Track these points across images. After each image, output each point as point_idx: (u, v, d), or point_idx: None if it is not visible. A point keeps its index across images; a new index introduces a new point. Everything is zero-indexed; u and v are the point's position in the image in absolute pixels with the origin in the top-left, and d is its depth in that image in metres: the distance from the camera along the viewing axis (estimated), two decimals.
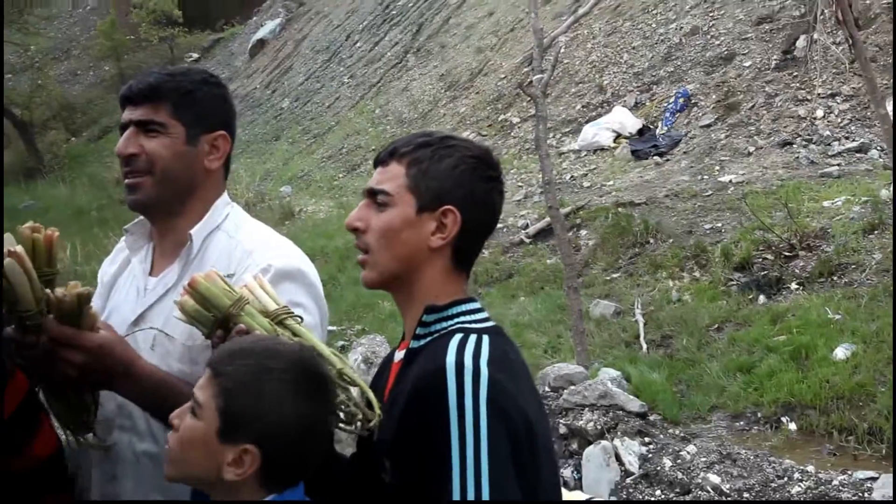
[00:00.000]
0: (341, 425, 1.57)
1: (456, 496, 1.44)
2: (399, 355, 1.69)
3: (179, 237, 2.04)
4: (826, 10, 10.57)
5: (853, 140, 9.56)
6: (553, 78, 12.37)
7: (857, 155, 9.32)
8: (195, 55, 24.86)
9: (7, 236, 1.79)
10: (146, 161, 1.99)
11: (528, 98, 11.98)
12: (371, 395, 1.59)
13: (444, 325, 1.62)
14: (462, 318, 1.63)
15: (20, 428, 1.98)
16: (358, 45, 19.67)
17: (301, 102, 19.14)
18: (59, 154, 22.39)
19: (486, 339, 1.57)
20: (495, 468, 1.44)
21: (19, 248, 1.77)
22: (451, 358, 1.51)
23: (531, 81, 10.56)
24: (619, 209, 9.19)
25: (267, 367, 1.52)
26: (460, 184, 1.66)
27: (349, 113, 17.23)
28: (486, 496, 1.43)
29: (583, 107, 12.61)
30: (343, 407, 1.55)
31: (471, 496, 1.43)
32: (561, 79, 13.18)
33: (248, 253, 1.98)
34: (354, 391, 1.59)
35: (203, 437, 1.54)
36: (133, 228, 2.14)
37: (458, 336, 1.57)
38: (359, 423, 1.57)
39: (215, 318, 1.64)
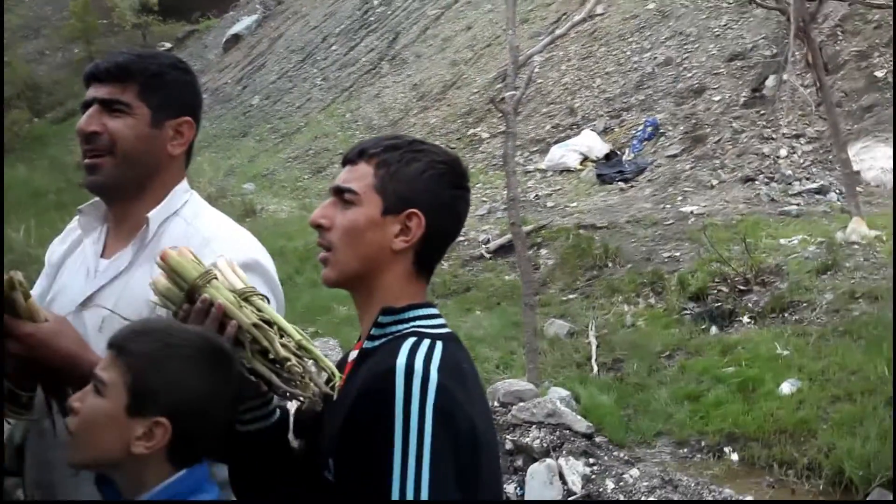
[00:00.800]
0: (293, 392, 1.56)
1: (395, 496, 1.43)
2: (353, 355, 1.68)
3: (135, 221, 2.00)
4: (797, 53, 10.77)
5: (813, 181, 9.73)
6: (525, 96, 12.44)
7: (817, 196, 9.48)
8: (168, 45, 24.63)
9: None
10: (108, 141, 1.95)
11: (499, 114, 12.04)
12: (330, 364, 1.58)
13: (400, 327, 1.61)
14: (418, 322, 1.62)
15: None
16: (333, 48, 19.64)
17: (271, 101, 19.05)
18: (21, 134, 22.02)
19: (439, 344, 1.56)
20: (436, 473, 1.44)
21: None
22: (401, 360, 1.50)
23: (503, 98, 10.60)
24: (581, 231, 9.26)
25: (172, 343, 1.57)
26: (427, 189, 1.66)
27: (319, 115, 17.18)
28: (424, 498, 1.43)
29: (552, 127, 12.70)
30: (299, 379, 1.55)
31: (410, 497, 1.43)
32: (533, 98, 13.26)
33: (207, 241, 1.94)
34: (310, 364, 1.59)
35: (110, 414, 1.57)
36: (87, 209, 2.10)
37: (412, 339, 1.56)
38: (313, 394, 1.55)
39: (182, 291, 1.63)
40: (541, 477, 5.20)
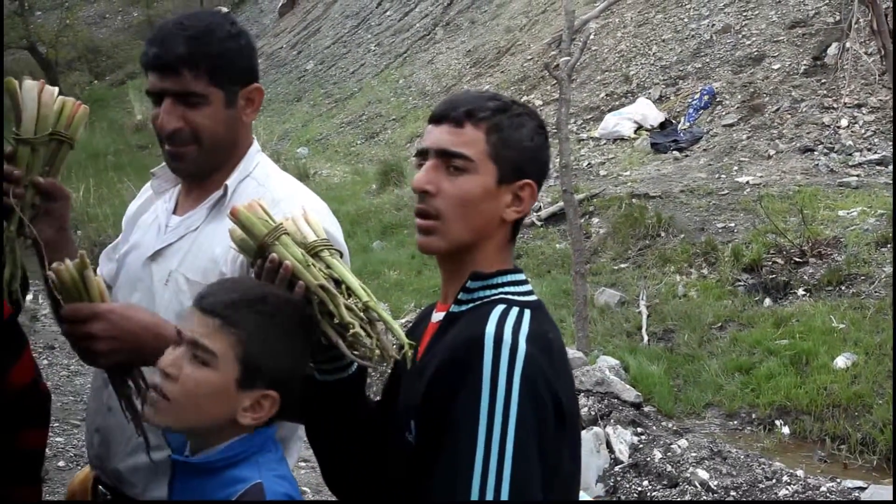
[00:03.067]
0: (355, 358, 1.56)
1: (478, 467, 1.42)
2: (437, 317, 1.67)
3: (209, 182, 2.05)
4: (861, 19, 10.48)
5: (875, 152, 9.49)
6: (580, 63, 12.30)
7: (878, 167, 9.25)
8: (224, 9, 24.76)
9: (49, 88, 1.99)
10: (191, 133, 1.97)
11: (553, 81, 11.92)
12: (397, 329, 1.55)
13: (488, 293, 1.60)
14: (506, 289, 1.61)
15: (1, 352, 2.00)
16: (388, 13, 19.59)
17: (326, 66, 19.09)
18: (81, 96, 22.40)
19: (527, 313, 1.55)
20: (520, 443, 1.43)
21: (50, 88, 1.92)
22: (490, 328, 1.49)
23: (558, 64, 10.50)
24: (634, 200, 9.17)
25: (274, 314, 1.57)
26: (535, 157, 1.64)
27: (372, 81, 17.19)
28: (507, 471, 1.42)
29: (607, 95, 12.55)
30: (362, 345, 1.54)
31: (493, 469, 1.42)
32: (587, 65, 13.10)
33: (276, 202, 1.95)
34: (379, 329, 1.58)
35: (220, 386, 1.56)
36: (159, 172, 2.15)
37: (501, 307, 1.55)
38: (377, 357, 1.55)
39: (253, 247, 1.63)
40: (588, 445, 5.21)
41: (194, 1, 24.35)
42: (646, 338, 7.10)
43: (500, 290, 1.60)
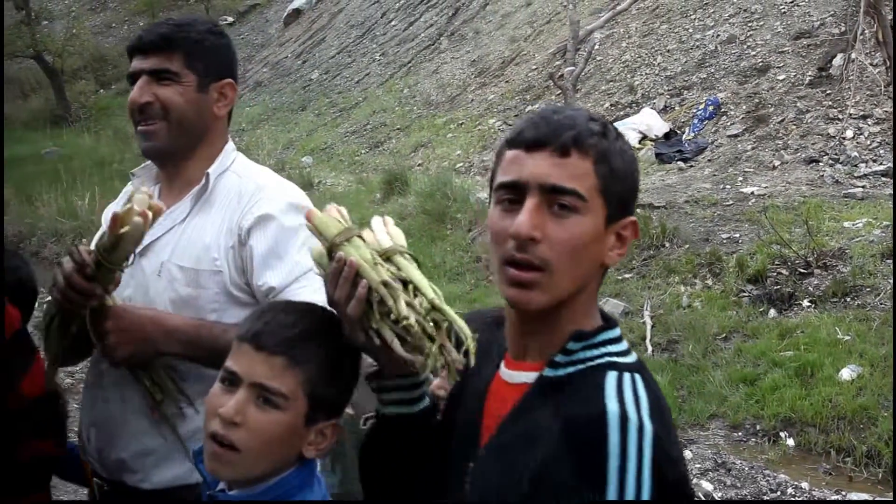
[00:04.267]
0: (409, 359, 1.41)
1: None
2: (515, 376, 1.44)
3: (188, 178, 2.16)
4: (867, 30, 10.48)
5: (880, 163, 9.48)
6: (584, 73, 12.32)
7: (883, 179, 9.23)
8: (230, 19, 24.87)
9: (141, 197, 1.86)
10: (160, 109, 2.09)
11: (558, 91, 11.94)
12: (464, 327, 1.40)
13: (591, 353, 1.40)
14: (609, 349, 1.41)
15: (12, 363, 2.00)
16: (393, 23, 19.63)
17: (330, 75, 19.13)
18: (87, 104, 22.49)
19: (639, 380, 1.37)
20: None
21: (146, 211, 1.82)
22: (613, 406, 1.30)
23: (562, 74, 10.51)
24: (638, 210, 9.11)
25: (336, 345, 1.51)
26: (636, 187, 1.43)
27: (377, 90, 17.21)
28: None
29: (611, 105, 12.55)
30: (419, 342, 1.40)
31: None
32: (592, 75, 13.11)
33: (260, 188, 2.10)
34: (444, 331, 1.43)
35: (291, 426, 1.50)
36: (140, 172, 2.26)
37: (612, 374, 1.35)
38: (439, 363, 1.40)
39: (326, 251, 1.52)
40: None
41: (199, 10, 24.42)
42: (650, 348, 7.07)
43: (603, 349, 1.40)
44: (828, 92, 10.58)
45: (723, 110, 11.20)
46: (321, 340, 1.51)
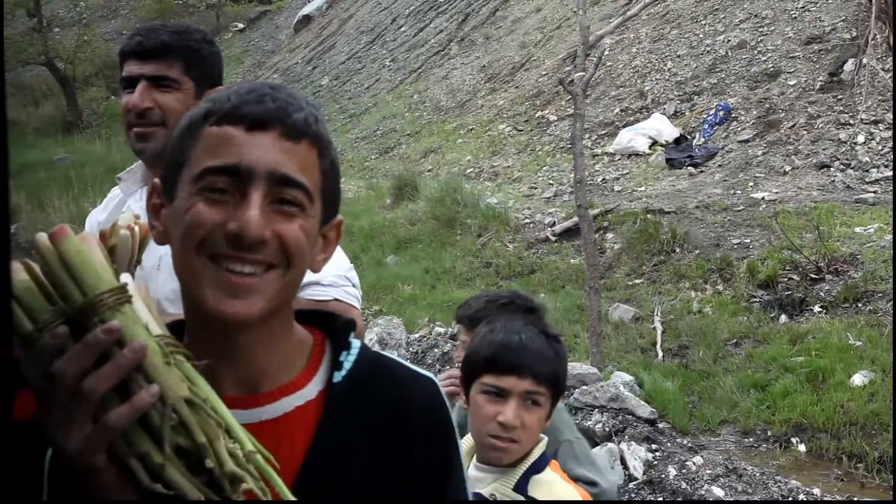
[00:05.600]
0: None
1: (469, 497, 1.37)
2: (273, 409, 1.21)
3: None
4: (878, 36, 10.45)
5: (892, 168, 9.43)
6: (595, 79, 12.30)
7: None
8: (241, 25, 24.95)
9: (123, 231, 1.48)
10: (159, 115, 2.15)
11: (568, 97, 11.92)
12: (285, 490, 1.08)
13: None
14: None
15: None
16: (403, 29, 19.67)
17: (340, 81, 19.17)
18: (98, 111, 22.58)
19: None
20: None
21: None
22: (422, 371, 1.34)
23: (572, 79, 10.50)
24: (648, 216, 9.14)
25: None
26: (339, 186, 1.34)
27: (387, 96, 17.24)
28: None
29: (621, 110, 12.54)
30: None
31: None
32: (602, 80, 13.11)
33: None
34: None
35: None
36: (125, 176, 2.32)
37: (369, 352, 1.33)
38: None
39: (68, 302, 1.04)
40: (602, 461, 5.18)
41: (210, 17, 24.53)
42: (660, 354, 7.06)
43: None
44: (839, 97, 10.55)
45: (733, 115, 11.17)
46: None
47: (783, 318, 7.20)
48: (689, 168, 10.63)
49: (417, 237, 10.40)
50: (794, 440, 5.79)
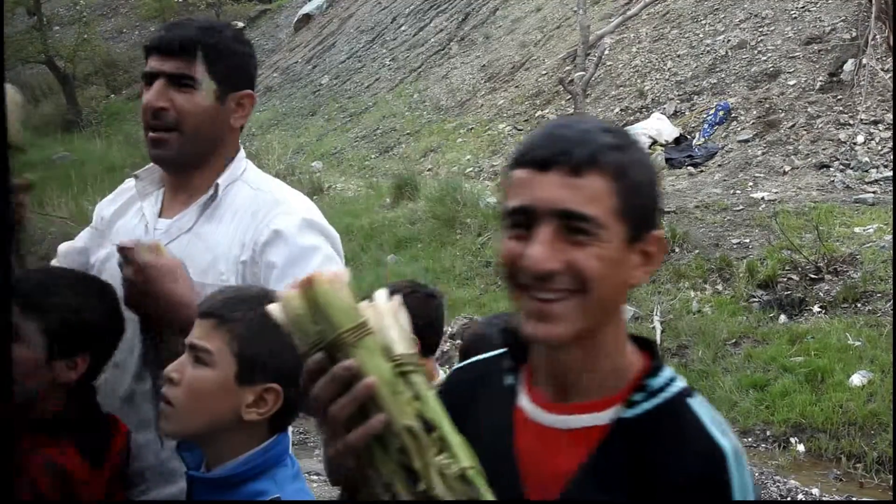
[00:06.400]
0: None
1: None
2: (566, 420, 1.32)
3: (195, 186, 2.07)
4: (878, 36, 10.46)
5: (891, 169, 9.44)
6: (594, 78, 12.32)
7: None
8: (240, 24, 24.94)
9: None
10: (174, 116, 1.99)
11: (568, 96, 11.94)
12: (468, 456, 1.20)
13: (655, 383, 1.34)
14: (666, 374, 1.36)
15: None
16: (403, 28, 19.67)
17: (340, 80, 19.17)
18: (98, 109, 22.59)
19: (703, 398, 1.35)
20: None
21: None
22: (724, 441, 1.29)
23: (572, 79, 10.52)
24: None
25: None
26: (658, 199, 1.37)
27: (387, 95, 17.24)
28: None
29: (621, 110, 12.54)
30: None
31: None
32: (602, 80, 13.11)
33: (278, 202, 2.04)
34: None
35: (219, 382, 1.58)
36: (143, 174, 2.16)
37: (694, 402, 1.32)
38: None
39: (321, 336, 1.19)
40: None
41: (210, 15, 24.52)
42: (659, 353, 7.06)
43: (664, 376, 1.34)
44: (839, 97, 10.56)
45: (733, 115, 11.18)
46: (254, 304, 1.56)
47: (782, 317, 7.21)
48: (688, 168, 10.64)
49: (417, 236, 10.40)
50: (793, 440, 5.80)
